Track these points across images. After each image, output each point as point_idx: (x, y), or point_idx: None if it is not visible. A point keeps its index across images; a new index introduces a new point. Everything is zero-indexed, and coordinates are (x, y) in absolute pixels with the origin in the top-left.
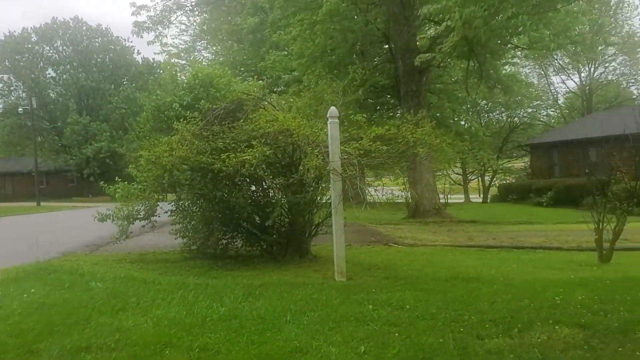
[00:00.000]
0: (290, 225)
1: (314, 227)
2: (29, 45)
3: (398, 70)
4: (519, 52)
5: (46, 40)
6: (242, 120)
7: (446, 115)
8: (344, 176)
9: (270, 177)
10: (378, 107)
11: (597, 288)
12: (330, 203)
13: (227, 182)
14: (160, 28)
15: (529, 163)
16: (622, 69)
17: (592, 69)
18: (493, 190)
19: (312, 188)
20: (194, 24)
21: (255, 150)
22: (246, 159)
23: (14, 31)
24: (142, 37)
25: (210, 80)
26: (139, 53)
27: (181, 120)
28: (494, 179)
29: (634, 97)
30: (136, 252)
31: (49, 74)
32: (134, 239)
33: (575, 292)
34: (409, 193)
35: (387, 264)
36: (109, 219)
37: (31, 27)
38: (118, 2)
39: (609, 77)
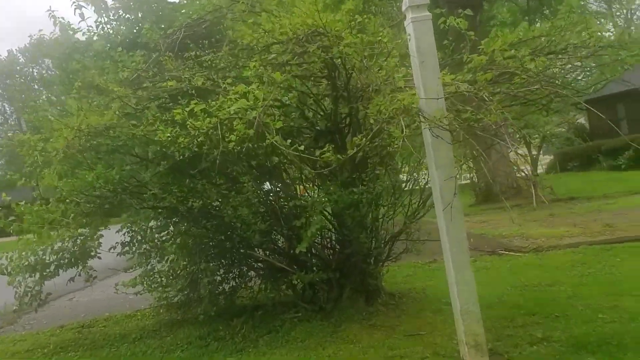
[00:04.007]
0: (343, 246)
1: (385, 244)
2: (18, 67)
3: None
4: None
5: (34, 61)
6: (225, 45)
7: None
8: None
9: (299, 153)
10: None
11: None
12: (419, 197)
13: (213, 176)
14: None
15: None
16: None
17: None
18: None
19: (379, 171)
20: None
21: (255, 87)
22: (239, 109)
23: (0, 56)
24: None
25: None
26: None
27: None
28: (543, 146)
29: None
30: (75, 323)
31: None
32: (79, 294)
33: None
34: (472, 172)
35: (536, 298)
36: (4, 272)
37: (16, 49)
38: None
39: None
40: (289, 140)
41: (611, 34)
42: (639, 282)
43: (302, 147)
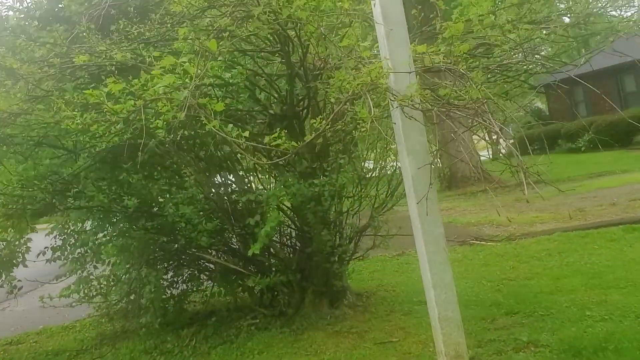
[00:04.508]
0: (304, 244)
1: (350, 240)
2: None
3: None
4: None
5: None
6: (156, 14)
7: None
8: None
9: (244, 140)
10: None
11: None
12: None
13: (157, 168)
14: None
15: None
16: None
17: None
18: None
19: (342, 160)
20: None
21: (187, 60)
22: (167, 88)
23: None
24: None
25: None
26: None
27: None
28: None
29: None
30: (2, 339)
31: None
32: (14, 303)
33: None
34: (437, 157)
35: (516, 294)
36: None
37: None
38: None
39: None
40: (231, 126)
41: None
42: (622, 273)
43: (246, 134)
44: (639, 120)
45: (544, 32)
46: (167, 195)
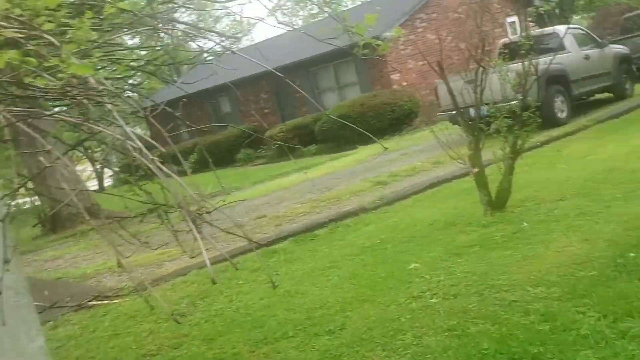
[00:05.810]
0: None
1: None
2: None
3: None
4: None
5: None
6: None
7: None
8: None
9: None
10: None
11: None
12: None
13: None
14: None
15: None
16: None
17: None
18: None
19: None
20: None
21: None
22: None
23: None
24: None
25: None
26: None
27: None
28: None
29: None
30: None
31: None
32: None
33: None
34: (31, 194)
35: None
36: None
37: None
38: None
39: None
40: None
41: None
42: (283, 314)
43: None
44: (236, 139)
45: None
46: None
